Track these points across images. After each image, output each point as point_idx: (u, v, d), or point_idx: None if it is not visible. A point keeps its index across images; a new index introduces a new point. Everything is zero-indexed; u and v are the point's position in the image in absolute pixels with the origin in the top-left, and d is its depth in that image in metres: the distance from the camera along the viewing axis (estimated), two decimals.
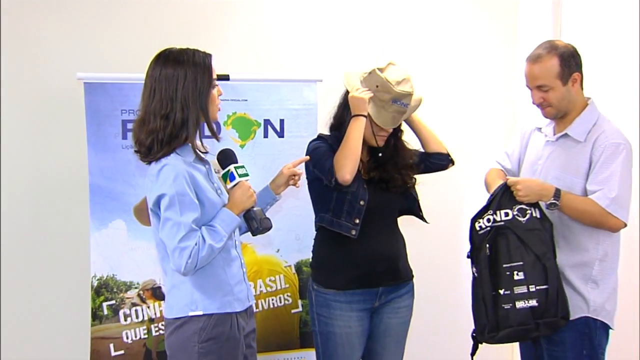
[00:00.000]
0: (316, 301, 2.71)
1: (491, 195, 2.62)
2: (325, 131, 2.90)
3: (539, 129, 2.73)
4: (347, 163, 2.53)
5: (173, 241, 2.17)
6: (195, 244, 2.17)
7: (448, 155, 2.80)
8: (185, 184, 2.19)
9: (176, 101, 2.22)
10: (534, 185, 2.55)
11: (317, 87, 3.23)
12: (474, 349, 2.66)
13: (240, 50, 3.36)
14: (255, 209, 2.34)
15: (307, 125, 3.20)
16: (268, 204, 2.57)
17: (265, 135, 3.20)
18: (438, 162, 2.79)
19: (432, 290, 3.39)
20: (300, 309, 3.27)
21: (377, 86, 2.59)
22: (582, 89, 2.60)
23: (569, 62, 2.54)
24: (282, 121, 3.20)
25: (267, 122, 3.20)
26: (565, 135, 2.58)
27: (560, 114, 2.59)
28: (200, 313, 2.26)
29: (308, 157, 2.65)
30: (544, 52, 2.57)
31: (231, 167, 2.32)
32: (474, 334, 2.65)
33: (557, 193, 2.48)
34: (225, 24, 3.48)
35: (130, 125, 2.95)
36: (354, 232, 2.59)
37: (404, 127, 2.82)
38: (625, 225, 2.49)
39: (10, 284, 3.27)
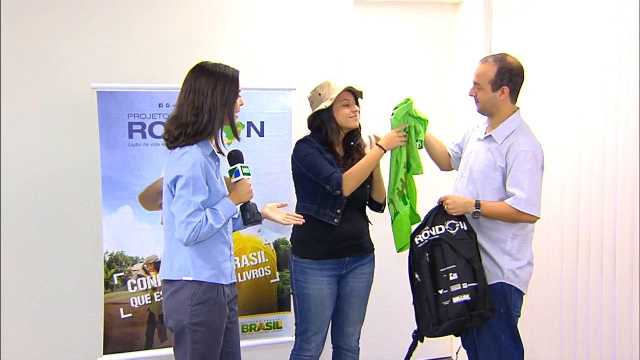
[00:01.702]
0: (294, 269, 3.06)
1: (427, 215, 2.92)
2: (301, 132, 3.14)
3: (478, 127, 3.04)
4: (356, 184, 2.91)
5: (182, 215, 2.40)
6: (200, 221, 2.40)
7: (381, 205, 3.13)
8: (200, 171, 2.43)
9: (206, 104, 2.46)
10: (459, 199, 2.86)
11: (292, 94, 3.49)
12: (413, 346, 3.02)
13: (228, 64, 3.39)
14: (251, 203, 2.60)
15: (283, 127, 3.47)
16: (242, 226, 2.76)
17: (248, 135, 3.42)
18: (371, 206, 3.16)
19: (391, 261, 3.59)
20: (277, 279, 3.53)
21: (323, 88, 3.00)
22: (512, 101, 2.87)
23: (504, 75, 2.81)
24: (262, 123, 3.45)
25: (249, 124, 3.43)
26: (490, 136, 2.89)
27: (485, 112, 2.90)
28: (191, 279, 2.48)
29: (287, 203, 2.91)
30: (491, 59, 2.86)
31: (238, 166, 2.58)
32: (415, 333, 2.98)
33: (478, 204, 2.81)
34: (215, 42, 3.65)
35: (135, 127, 3.25)
36: (336, 221, 2.97)
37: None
38: (539, 218, 2.80)
39: (35, 260, 3.46)
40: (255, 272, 3.51)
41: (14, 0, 3.37)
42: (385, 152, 2.95)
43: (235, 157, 2.63)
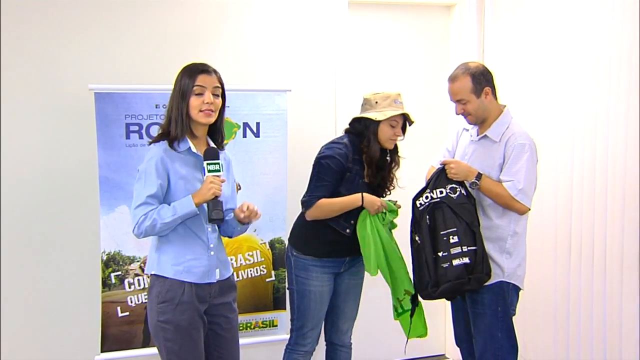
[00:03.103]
0: (295, 265, 3.07)
1: (430, 178, 2.94)
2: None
3: (466, 130, 3.10)
4: (321, 216, 2.93)
5: (131, 207, 2.46)
6: (144, 214, 2.40)
7: None
8: (154, 165, 2.42)
9: (170, 101, 2.51)
10: (463, 166, 2.90)
11: (287, 95, 3.50)
12: (412, 310, 3.02)
13: (225, 65, 3.31)
14: (215, 200, 2.44)
15: (279, 127, 3.48)
16: (235, 227, 2.66)
17: (244, 136, 3.44)
18: None
19: None
20: (273, 278, 3.54)
21: (383, 99, 2.98)
22: (495, 98, 2.94)
23: (480, 79, 2.89)
24: (258, 124, 3.46)
25: (245, 125, 3.44)
26: (485, 136, 2.94)
27: (479, 121, 2.95)
28: (154, 272, 2.50)
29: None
30: (459, 72, 2.92)
31: (204, 164, 2.49)
32: (412, 297, 2.99)
33: (479, 176, 2.85)
34: (212, 43, 3.67)
35: (132, 128, 3.25)
36: (348, 231, 2.99)
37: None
38: (529, 209, 2.85)
39: (33, 259, 3.49)
40: (250, 271, 3.53)
41: (12, 2, 3.40)
42: (362, 206, 2.94)
43: (206, 155, 2.53)
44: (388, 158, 3.08)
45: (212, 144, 2.61)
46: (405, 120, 3.04)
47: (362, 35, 4.14)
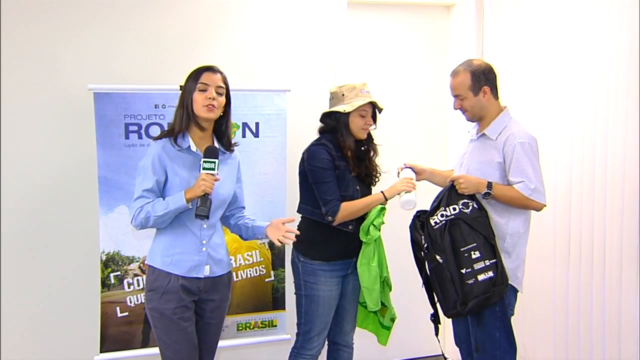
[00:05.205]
0: (303, 270, 3.05)
1: (439, 195, 2.92)
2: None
3: (468, 132, 3.13)
4: (348, 218, 2.94)
5: (132, 199, 2.61)
6: (140, 207, 2.55)
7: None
8: (151, 161, 2.55)
9: (178, 101, 2.63)
10: (472, 179, 2.88)
11: (286, 95, 3.51)
12: (437, 330, 3.04)
13: (224, 65, 3.35)
14: (204, 197, 2.52)
15: (278, 127, 3.49)
16: (257, 237, 2.81)
17: (244, 136, 3.43)
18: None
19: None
20: (272, 278, 3.54)
21: (349, 91, 2.97)
22: (495, 98, 2.94)
23: (479, 77, 2.90)
24: (257, 124, 3.46)
25: (245, 125, 3.44)
26: (483, 134, 2.95)
27: (476, 118, 2.97)
28: (147, 262, 2.65)
29: (293, 219, 2.81)
30: (461, 68, 2.94)
31: (201, 161, 2.56)
32: (433, 317, 3.01)
33: (490, 185, 2.83)
34: (212, 45, 3.68)
35: (131, 128, 3.25)
36: (350, 227, 2.98)
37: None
38: (545, 205, 2.85)
39: (33, 259, 3.50)
40: (250, 271, 3.53)
41: (11, 2, 3.40)
42: (386, 200, 2.96)
43: (204, 153, 2.60)
44: (364, 148, 3.09)
45: (217, 144, 2.69)
46: (374, 109, 3.05)
47: (361, 35, 4.14)
